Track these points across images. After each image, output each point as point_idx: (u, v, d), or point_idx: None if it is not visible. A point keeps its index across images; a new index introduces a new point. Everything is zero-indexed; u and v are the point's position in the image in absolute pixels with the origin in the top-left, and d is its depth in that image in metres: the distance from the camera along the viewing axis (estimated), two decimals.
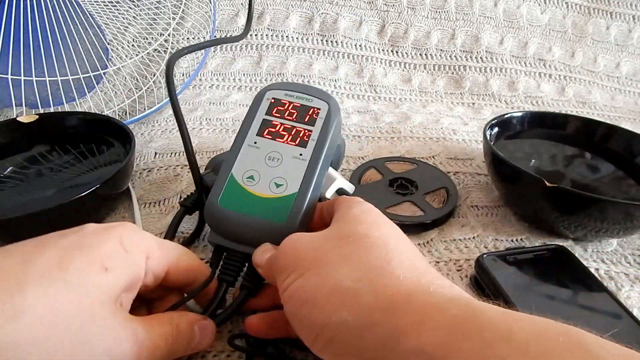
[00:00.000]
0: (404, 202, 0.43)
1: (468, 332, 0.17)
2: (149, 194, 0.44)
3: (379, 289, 0.20)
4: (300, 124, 0.32)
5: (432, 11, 0.75)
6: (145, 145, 0.52)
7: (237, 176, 0.31)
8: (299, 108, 0.33)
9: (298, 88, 0.34)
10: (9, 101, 0.49)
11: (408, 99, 0.71)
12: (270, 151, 0.31)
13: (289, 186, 0.30)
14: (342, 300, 0.20)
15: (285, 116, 0.33)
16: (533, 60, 0.76)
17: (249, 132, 0.32)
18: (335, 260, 0.22)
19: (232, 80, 0.70)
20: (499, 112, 0.66)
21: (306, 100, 0.33)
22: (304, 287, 0.22)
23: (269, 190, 0.30)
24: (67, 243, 0.21)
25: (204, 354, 0.28)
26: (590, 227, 0.38)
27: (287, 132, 0.32)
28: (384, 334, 0.19)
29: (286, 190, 0.30)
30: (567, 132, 0.52)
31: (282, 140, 0.32)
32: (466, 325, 0.17)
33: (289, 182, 0.30)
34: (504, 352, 0.16)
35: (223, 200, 0.30)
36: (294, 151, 0.31)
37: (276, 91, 0.34)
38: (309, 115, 0.33)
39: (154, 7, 0.65)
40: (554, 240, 0.41)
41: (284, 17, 0.73)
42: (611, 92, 0.77)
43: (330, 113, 0.33)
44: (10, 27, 0.51)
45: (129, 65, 0.61)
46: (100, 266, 0.21)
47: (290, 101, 0.33)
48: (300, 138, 0.32)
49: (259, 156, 0.31)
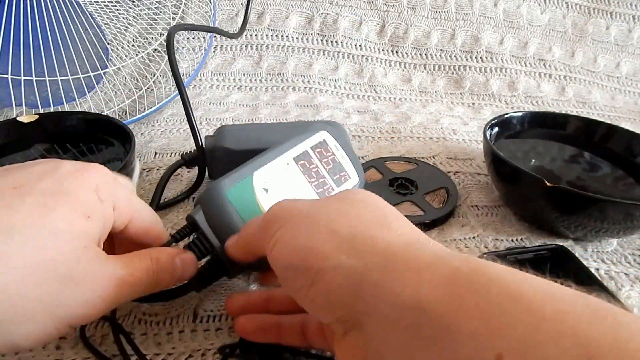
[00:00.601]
0: (404, 202, 0.43)
1: (472, 287, 0.15)
2: (149, 194, 0.44)
3: (376, 237, 0.19)
4: (330, 178, 0.33)
5: (432, 11, 0.75)
6: (145, 145, 0.52)
7: (256, 182, 0.30)
8: (337, 165, 0.34)
9: (347, 146, 0.35)
10: (9, 101, 0.49)
11: (408, 99, 0.71)
12: (295, 181, 0.32)
13: None
14: (338, 245, 0.19)
15: (322, 162, 0.34)
16: (533, 60, 0.76)
17: (289, 152, 0.33)
18: (330, 213, 0.21)
19: (232, 80, 0.70)
20: (499, 112, 0.66)
21: (346, 162, 0.35)
22: (298, 235, 0.21)
23: None
24: (46, 187, 0.22)
25: (204, 351, 0.28)
26: (590, 227, 0.38)
27: (316, 177, 0.33)
28: (380, 282, 0.17)
29: None
30: (567, 132, 0.52)
31: (308, 180, 0.32)
32: (470, 279, 0.16)
33: None
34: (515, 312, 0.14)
35: (231, 193, 0.29)
36: (312, 195, 0.32)
37: (330, 136, 0.35)
38: (340, 176, 0.34)
39: (154, 7, 0.65)
40: (554, 240, 0.41)
41: (284, 17, 0.73)
42: (611, 92, 0.77)
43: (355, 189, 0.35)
44: (10, 27, 0.51)
45: (129, 65, 0.61)
46: (82, 214, 0.22)
47: (334, 153, 0.35)
48: (323, 189, 0.33)
49: (283, 177, 0.32)
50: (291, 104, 0.67)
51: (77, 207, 0.22)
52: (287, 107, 0.66)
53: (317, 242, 0.20)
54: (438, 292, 0.16)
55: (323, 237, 0.20)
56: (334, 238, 0.20)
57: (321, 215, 0.21)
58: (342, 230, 0.20)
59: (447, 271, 0.16)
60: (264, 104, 0.66)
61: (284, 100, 0.67)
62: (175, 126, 0.57)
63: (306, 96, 0.69)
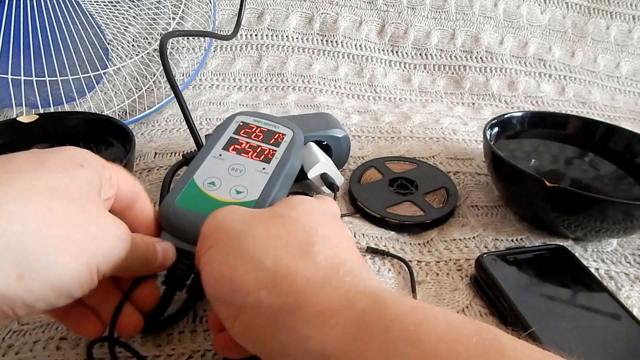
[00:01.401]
0: (404, 201, 0.43)
1: (374, 332, 0.16)
2: (149, 194, 0.44)
3: (297, 273, 0.19)
4: (266, 144, 0.35)
5: (432, 11, 0.75)
6: (145, 145, 0.52)
7: (198, 181, 0.31)
8: (266, 132, 0.36)
9: (266, 117, 0.37)
10: (9, 101, 0.49)
11: (408, 99, 0.71)
12: (234, 163, 0.33)
13: (250, 194, 0.30)
14: (260, 280, 0.19)
15: (251, 137, 0.35)
16: (533, 60, 0.76)
17: (215, 146, 0.34)
18: (260, 237, 0.21)
19: (232, 80, 0.70)
20: (499, 112, 0.66)
21: (273, 126, 0.37)
22: (224, 262, 0.21)
23: (229, 195, 0.30)
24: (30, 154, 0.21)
25: (203, 352, 0.28)
26: (590, 227, 0.38)
27: (252, 150, 0.34)
28: (292, 325, 0.18)
29: (246, 197, 0.30)
30: (567, 132, 0.52)
31: (246, 156, 0.33)
32: (372, 323, 0.16)
33: (249, 190, 0.31)
34: (410, 354, 0.15)
35: (180, 200, 0.30)
36: (258, 165, 0.33)
37: (245, 116, 0.37)
38: (274, 139, 0.35)
39: (154, 7, 0.65)
40: (554, 240, 0.41)
41: (284, 17, 0.73)
42: (611, 92, 0.77)
43: (295, 139, 0.36)
44: (10, 27, 0.51)
45: (129, 65, 0.61)
46: (76, 163, 0.21)
47: (258, 125, 0.36)
48: (264, 155, 0.34)
49: (223, 166, 0.32)
50: (291, 104, 0.67)
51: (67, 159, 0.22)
52: (287, 107, 0.66)
53: (242, 275, 0.20)
54: (342, 341, 0.16)
55: (247, 267, 0.20)
56: (258, 271, 0.20)
57: (249, 240, 0.21)
58: (267, 261, 0.20)
59: (352, 316, 0.17)
60: (264, 104, 0.66)
61: (284, 100, 0.67)
62: (175, 126, 0.57)
63: (306, 96, 0.69)
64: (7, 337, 0.29)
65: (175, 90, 0.41)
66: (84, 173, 0.22)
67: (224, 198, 0.30)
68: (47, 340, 0.28)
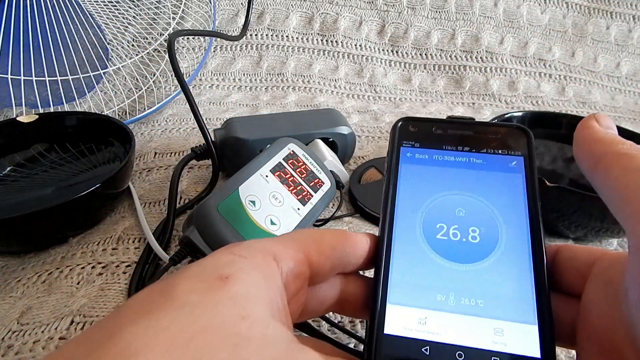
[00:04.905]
0: None
1: None
2: (149, 194, 0.44)
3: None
4: (306, 185, 0.36)
5: (432, 11, 0.75)
6: (145, 145, 0.52)
7: (242, 194, 0.32)
8: (309, 173, 0.38)
9: (313, 156, 0.39)
10: (9, 101, 0.49)
11: (408, 98, 0.71)
12: (276, 190, 0.34)
13: (281, 229, 0.32)
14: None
15: (296, 171, 0.37)
16: (533, 60, 0.76)
17: (264, 165, 0.35)
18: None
19: (232, 80, 0.70)
20: (499, 112, 0.66)
21: (316, 170, 0.38)
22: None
23: (264, 222, 0.32)
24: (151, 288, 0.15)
25: None
26: (590, 227, 0.38)
27: (294, 185, 0.36)
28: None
29: (278, 230, 0.32)
30: (567, 132, 0.52)
31: (288, 188, 0.35)
32: None
33: (282, 225, 0.32)
34: None
35: (222, 207, 0.30)
36: (295, 203, 0.34)
37: (296, 147, 0.39)
38: (314, 182, 0.37)
39: (154, 7, 0.65)
40: (554, 240, 0.41)
41: (284, 17, 0.73)
42: (611, 92, 0.77)
43: (330, 191, 0.38)
44: (10, 26, 0.51)
45: (129, 65, 0.61)
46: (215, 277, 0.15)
47: (305, 162, 0.38)
48: (302, 195, 0.36)
49: (266, 189, 0.34)
50: (291, 103, 0.66)
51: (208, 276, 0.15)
52: (287, 107, 0.65)
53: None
54: None
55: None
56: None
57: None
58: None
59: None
60: (264, 104, 0.66)
61: (284, 100, 0.67)
62: (175, 126, 0.57)
63: (306, 96, 0.69)
64: (7, 337, 0.29)
65: (184, 87, 0.42)
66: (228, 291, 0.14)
67: (259, 223, 0.31)
68: (47, 340, 0.28)
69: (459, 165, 0.22)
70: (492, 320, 0.17)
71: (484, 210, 0.20)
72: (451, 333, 0.17)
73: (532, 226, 0.19)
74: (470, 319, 0.18)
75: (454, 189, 0.21)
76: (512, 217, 0.20)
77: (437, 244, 0.20)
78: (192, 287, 0.14)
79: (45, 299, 0.32)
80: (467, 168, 0.22)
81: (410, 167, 0.22)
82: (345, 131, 0.46)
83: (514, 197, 0.20)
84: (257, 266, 0.16)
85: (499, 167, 0.22)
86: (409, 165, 0.22)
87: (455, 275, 0.19)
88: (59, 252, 0.36)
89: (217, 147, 0.43)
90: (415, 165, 0.22)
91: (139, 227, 0.38)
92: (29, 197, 0.41)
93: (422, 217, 0.20)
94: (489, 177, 0.21)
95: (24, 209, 0.32)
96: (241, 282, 0.15)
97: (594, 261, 0.18)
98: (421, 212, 0.21)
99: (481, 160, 0.22)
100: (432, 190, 0.21)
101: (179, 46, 0.69)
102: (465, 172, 0.22)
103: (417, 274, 0.19)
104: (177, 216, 0.40)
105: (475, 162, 0.22)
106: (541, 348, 0.17)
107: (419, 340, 0.17)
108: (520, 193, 0.21)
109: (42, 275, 0.34)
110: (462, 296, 0.18)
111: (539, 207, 0.20)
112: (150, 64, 0.63)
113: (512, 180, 0.21)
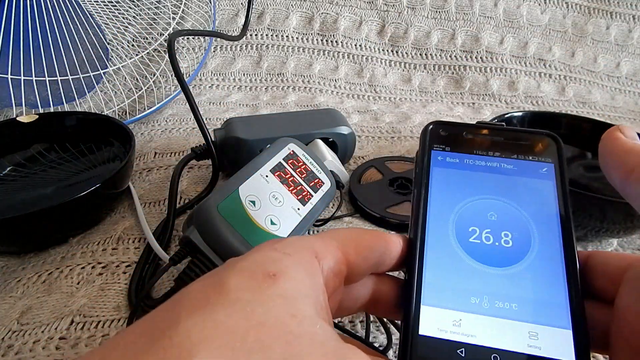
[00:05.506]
0: (404, 201, 0.43)
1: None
2: (149, 194, 0.44)
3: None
4: (306, 185, 0.36)
5: (432, 11, 0.75)
6: (145, 145, 0.52)
7: (242, 194, 0.32)
8: (309, 173, 0.37)
9: (313, 156, 0.39)
10: (9, 101, 0.49)
11: (408, 98, 0.71)
12: (276, 190, 0.34)
13: (281, 229, 0.32)
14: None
15: (296, 171, 0.37)
16: (533, 60, 0.76)
17: (264, 165, 0.35)
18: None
19: (232, 80, 0.70)
20: (499, 112, 0.66)
21: (316, 170, 0.38)
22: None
23: (264, 222, 0.31)
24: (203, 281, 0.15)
25: None
26: (590, 227, 0.38)
27: (294, 185, 0.36)
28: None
29: (278, 231, 0.32)
30: (567, 132, 0.52)
31: (287, 188, 0.35)
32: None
33: (282, 225, 0.32)
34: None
35: (222, 207, 0.30)
36: (294, 203, 0.34)
37: (296, 147, 0.38)
38: (314, 183, 0.37)
39: (154, 7, 0.65)
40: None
41: (284, 17, 0.73)
42: (611, 92, 0.77)
43: (330, 191, 0.38)
44: (10, 27, 0.51)
45: (129, 65, 0.61)
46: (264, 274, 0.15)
47: (305, 162, 0.38)
48: (302, 196, 0.35)
49: (266, 189, 0.34)
50: (291, 103, 0.66)
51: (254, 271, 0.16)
52: (287, 107, 0.65)
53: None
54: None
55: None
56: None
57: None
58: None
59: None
60: (264, 104, 0.66)
61: (284, 100, 0.67)
62: (175, 126, 0.57)
63: (306, 96, 0.69)
64: (7, 337, 0.29)
65: (184, 87, 0.42)
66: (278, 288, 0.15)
67: (259, 223, 0.31)
68: (47, 340, 0.28)
69: (490, 170, 0.22)
70: (527, 324, 0.17)
71: (516, 215, 0.20)
72: (486, 335, 0.17)
73: (564, 232, 0.20)
74: (505, 322, 0.17)
75: (485, 193, 0.21)
76: (544, 223, 0.20)
77: (470, 247, 0.20)
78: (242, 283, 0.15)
79: (45, 299, 0.32)
80: (498, 173, 0.22)
81: (441, 170, 0.22)
82: (345, 131, 0.46)
83: (545, 203, 0.20)
84: (302, 264, 0.16)
85: (530, 173, 0.22)
86: (440, 168, 0.22)
87: (488, 278, 0.19)
88: (59, 252, 0.36)
89: (217, 147, 0.43)
90: (446, 168, 0.22)
91: (139, 227, 0.38)
92: (29, 197, 0.41)
93: (455, 220, 0.20)
94: (520, 183, 0.21)
95: (24, 209, 0.32)
96: (290, 280, 0.15)
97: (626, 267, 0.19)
98: (453, 215, 0.21)
99: (512, 166, 0.22)
100: (463, 194, 0.21)
101: (179, 46, 0.69)
102: (496, 177, 0.22)
103: (451, 276, 0.19)
104: (177, 216, 0.40)
105: (506, 168, 0.22)
106: (575, 352, 0.17)
107: (454, 342, 0.17)
108: (551, 199, 0.21)
109: (42, 275, 0.34)
110: (496, 299, 0.18)
111: (570, 214, 0.20)
112: (150, 64, 0.63)
113: (543, 187, 0.21)
